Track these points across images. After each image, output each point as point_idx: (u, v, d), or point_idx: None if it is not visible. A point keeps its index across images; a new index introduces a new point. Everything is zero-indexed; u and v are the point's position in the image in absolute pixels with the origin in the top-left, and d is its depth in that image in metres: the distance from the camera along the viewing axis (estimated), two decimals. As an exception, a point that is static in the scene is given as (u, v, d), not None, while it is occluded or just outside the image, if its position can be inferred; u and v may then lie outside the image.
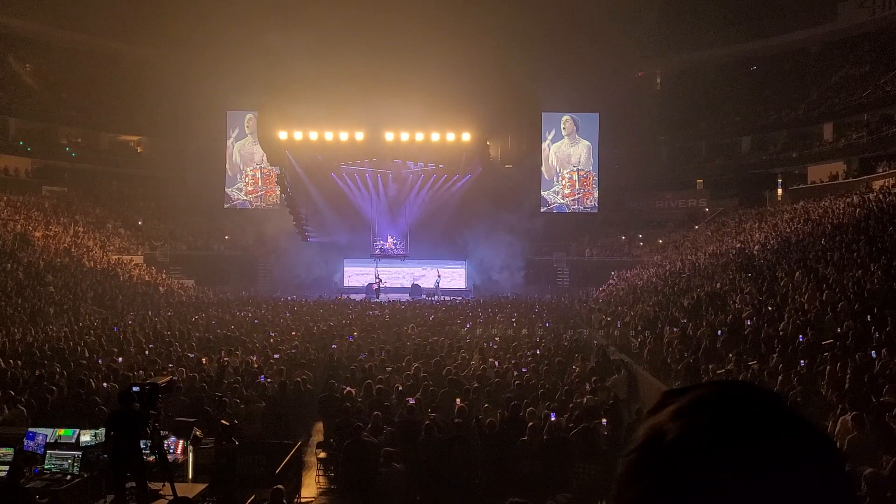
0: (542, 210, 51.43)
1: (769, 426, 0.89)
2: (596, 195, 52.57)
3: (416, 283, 43.97)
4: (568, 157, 52.84)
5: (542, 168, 52.66)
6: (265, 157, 48.86)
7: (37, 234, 37.35)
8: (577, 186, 52.74)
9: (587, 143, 52.78)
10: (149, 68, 51.43)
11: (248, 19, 46.98)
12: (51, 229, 39.38)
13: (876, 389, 11.66)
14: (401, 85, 42.08)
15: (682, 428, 0.90)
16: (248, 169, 53.57)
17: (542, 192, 52.56)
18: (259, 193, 53.37)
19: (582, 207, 52.64)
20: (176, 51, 50.84)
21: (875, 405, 10.80)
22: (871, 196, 30.98)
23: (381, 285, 42.50)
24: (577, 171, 52.70)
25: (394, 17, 46.93)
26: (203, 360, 18.78)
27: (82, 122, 51.83)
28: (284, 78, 44.19)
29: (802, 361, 14.46)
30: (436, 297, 41.17)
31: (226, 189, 53.45)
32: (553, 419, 12.26)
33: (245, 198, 53.42)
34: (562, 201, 52.58)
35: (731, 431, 0.88)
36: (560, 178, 52.83)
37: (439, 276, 43.63)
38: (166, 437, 10.90)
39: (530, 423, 11.92)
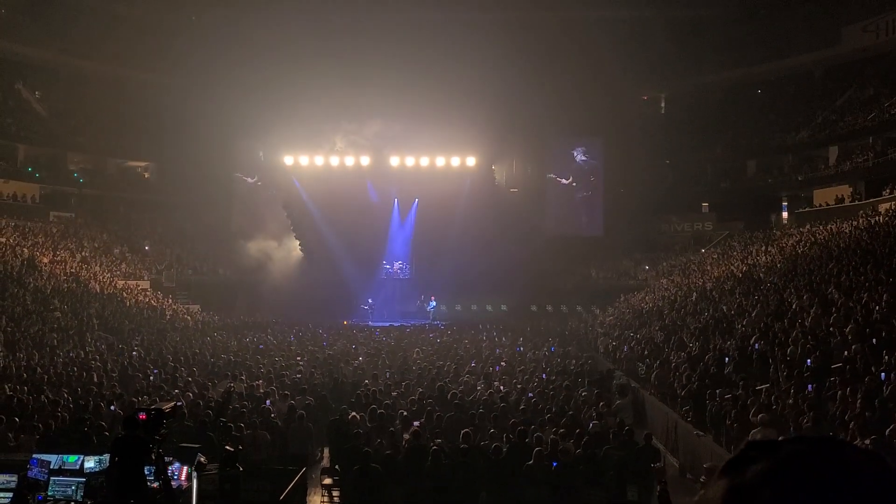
0: (546, 234, 51.40)
1: (874, 497, 0.85)
2: (603, 230, 52.72)
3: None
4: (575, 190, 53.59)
5: (547, 195, 52.87)
6: (271, 182, 49.03)
7: (44, 259, 37.42)
8: (581, 217, 53.16)
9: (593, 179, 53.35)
10: (156, 95, 51.81)
11: (255, 46, 47.34)
12: (58, 254, 39.47)
13: (886, 414, 11.56)
14: (406, 111, 42.34)
15: (777, 498, 0.86)
16: (255, 194, 53.71)
17: (547, 216, 52.71)
18: (265, 218, 53.24)
19: (587, 233, 52.77)
20: (183, 77, 51.24)
21: (889, 430, 10.69)
22: (877, 219, 30.87)
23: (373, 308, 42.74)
24: (583, 196, 53.11)
25: (401, 45, 47.28)
26: (208, 385, 18.72)
27: (90, 148, 52.06)
28: (290, 102, 44.50)
29: (811, 385, 14.34)
30: (429, 322, 41.09)
31: (232, 213, 53.50)
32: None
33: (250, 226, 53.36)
34: (567, 233, 52.75)
35: None
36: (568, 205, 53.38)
37: (434, 300, 43.56)
38: (170, 463, 10.84)
39: (537, 449, 11.84)
